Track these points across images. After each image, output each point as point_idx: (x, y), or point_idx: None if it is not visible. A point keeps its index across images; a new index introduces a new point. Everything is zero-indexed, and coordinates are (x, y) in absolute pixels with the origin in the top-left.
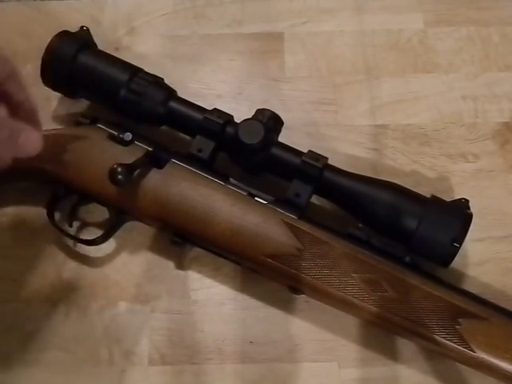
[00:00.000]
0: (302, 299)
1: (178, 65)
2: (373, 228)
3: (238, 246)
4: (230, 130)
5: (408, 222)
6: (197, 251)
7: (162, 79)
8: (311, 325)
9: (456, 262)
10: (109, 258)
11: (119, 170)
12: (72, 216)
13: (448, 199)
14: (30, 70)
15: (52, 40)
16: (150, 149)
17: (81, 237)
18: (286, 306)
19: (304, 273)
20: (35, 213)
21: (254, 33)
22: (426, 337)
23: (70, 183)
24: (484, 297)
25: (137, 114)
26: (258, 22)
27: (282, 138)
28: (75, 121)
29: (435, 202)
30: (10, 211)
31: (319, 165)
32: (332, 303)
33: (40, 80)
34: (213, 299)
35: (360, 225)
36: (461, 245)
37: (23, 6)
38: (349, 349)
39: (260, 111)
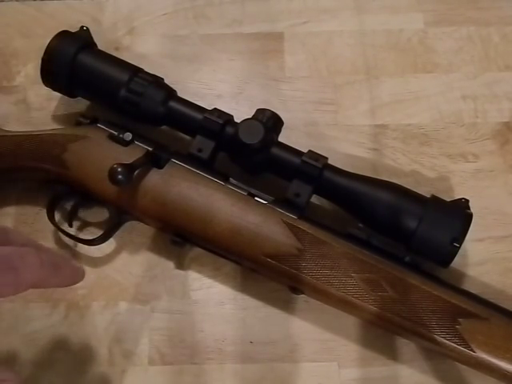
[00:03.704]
0: (302, 299)
1: (178, 65)
2: (373, 228)
3: (238, 246)
4: (229, 129)
5: (408, 221)
6: (197, 251)
7: (162, 79)
8: (311, 325)
9: (456, 262)
10: (109, 258)
11: (119, 169)
12: (72, 216)
13: (448, 199)
14: (30, 70)
15: (52, 40)
16: (150, 149)
17: (81, 237)
18: (286, 306)
19: (304, 273)
20: (35, 213)
21: (253, 33)
22: (426, 337)
23: (70, 183)
24: (484, 297)
25: (137, 113)
26: (257, 22)
27: (282, 138)
28: (75, 121)
29: (435, 201)
30: (10, 211)
31: (319, 165)
32: (332, 303)
33: (40, 80)
34: (213, 299)
35: (360, 225)
36: (461, 245)
37: (23, 5)
38: (349, 349)
39: (260, 111)
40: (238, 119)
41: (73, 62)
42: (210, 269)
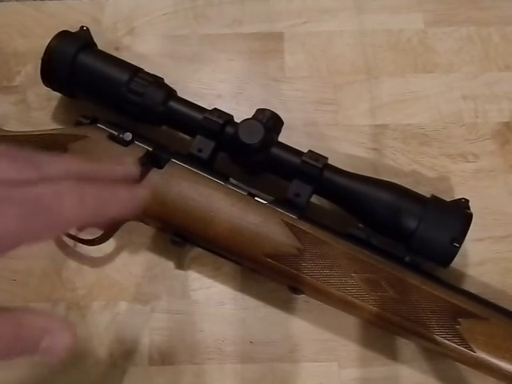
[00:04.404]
0: (302, 299)
1: (178, 65)
2: (373, 228)
3: (238, 246)
4: (229, 129)
5: (408, 221)
6: (197, 251)
7: (162, 79)
8: (311, 325)
9: (456, 262)
10: (109, 258)
11: None
12: None
13: (448, 199)
14: (29, 70)
15: (52, 40)
16: (150, 149)
17: (81, 237)
18: (286, 306)
19: (304, 273)
20: None
21: (254, 33)
22: (426, 337)
23: None
24: (484, 297)
25: (137, 113)
26: (257, 22)
27: (281, 138)
28: (75, 121)
29: (435, 201)
30: None
31: (319, 165)
32: (332, 303)
33: (40, 80)
34: (213, 299)
35: (360, 225)
36: (461, 245)
37: (23, 5)
38: (349, 349)
39: (260, 111)
40: (237, 119)
41: (73, 62)
42: (209, 269)
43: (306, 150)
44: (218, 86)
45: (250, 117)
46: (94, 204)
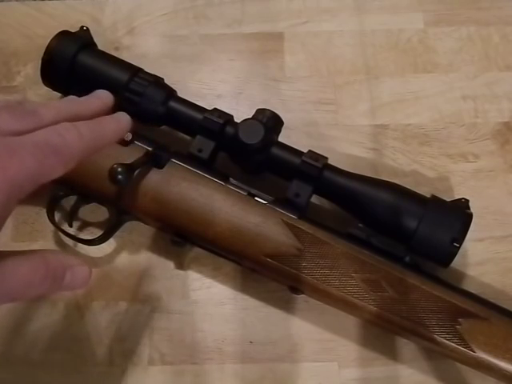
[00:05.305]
0: (302, 299)
1: (178, 65)
2: (373, 228)
3: (238, 246)
4: (229, 129)
5: (408, 221)
6: (197, 251)
7: (162, 79)
8: (311, 325)
9: (456, 262)
10: (109, 258)
11: (119, 169)
12: (72, 216)
13: (448, 199)
14: (29, 70)
15: (52, 40)
16: (150, 149)
17: (81, 237)
18: (286, 306)
19: (304, 273)
20: (35, 213)
21: (254, 33)
22: (426, 337)
23: (70, 183)
24: (484, 297)
25: (137, 114)
26: (257, 22)
27: (282, 138)
28: None
29: (435, 201)
30: None
31: (319, 165)
32: (332, 303)
33: (40, 80)
34: (213, 299)
35: (360, 225)
36: (461, 245)
37: (23, 5)
38: (349, 349)
39: (260, 111)
40: (237, 119)
41: (73, 62)
42: (209, 269)
43: (305, 150)
44: (218, 86)
45: (250, 117)
46: (91, 136)
